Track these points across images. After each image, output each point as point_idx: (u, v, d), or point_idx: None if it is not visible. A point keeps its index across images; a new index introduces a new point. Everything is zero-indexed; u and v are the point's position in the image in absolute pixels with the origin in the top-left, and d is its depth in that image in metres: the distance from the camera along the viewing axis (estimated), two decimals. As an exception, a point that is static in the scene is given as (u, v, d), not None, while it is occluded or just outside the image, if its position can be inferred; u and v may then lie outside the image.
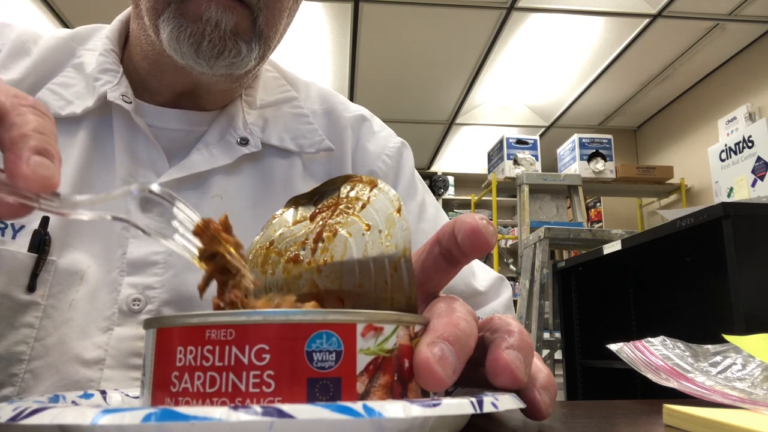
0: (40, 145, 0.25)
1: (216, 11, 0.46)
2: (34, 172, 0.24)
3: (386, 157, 0.62)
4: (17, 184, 0.24)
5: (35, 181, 0.24)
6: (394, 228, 0.30)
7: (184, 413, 0.18)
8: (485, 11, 3.11)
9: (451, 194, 5.52)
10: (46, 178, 0.24)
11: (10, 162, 0.24)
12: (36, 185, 0.24)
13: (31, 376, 0.44)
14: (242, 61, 0.49)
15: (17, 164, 0.24)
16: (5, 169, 0.25)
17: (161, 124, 0.54)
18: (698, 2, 3.03)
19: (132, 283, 0.48)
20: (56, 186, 0.25)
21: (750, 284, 1.01)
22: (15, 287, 0.45)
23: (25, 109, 0.26)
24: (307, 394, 0.22)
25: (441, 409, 0.21)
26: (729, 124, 3.57)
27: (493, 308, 0.60)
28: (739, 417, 0.28)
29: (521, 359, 0.26)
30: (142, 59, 0.54)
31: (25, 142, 0.25)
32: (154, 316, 0.45)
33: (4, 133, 0.25)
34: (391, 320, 0.24)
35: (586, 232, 2.23)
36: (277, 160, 0.57)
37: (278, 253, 0.35)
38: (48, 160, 0.25)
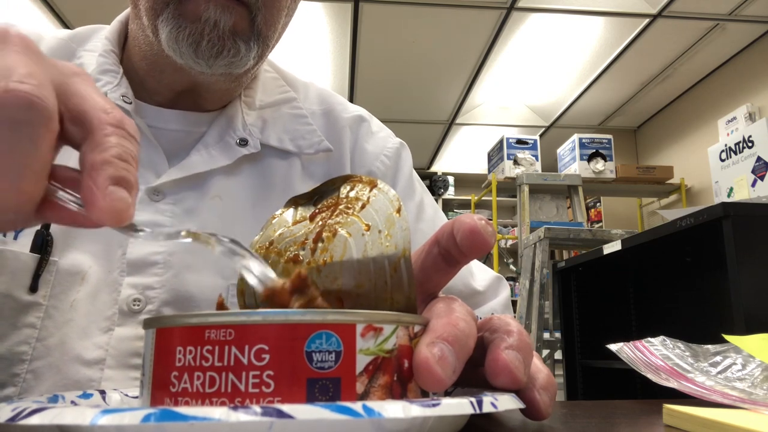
0: (119, 174, 0.24)
1: (214, 11, 0.46)
2: (110, 205, 0.23)
3: (384, 158, 0.62)
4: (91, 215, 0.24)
5: (110, 214, 0.24)
6: (393, 228, 0.30)
7: (184, 413, 0.18)
8: (485, 11, 3.11)
9: (451, 194, 5.52)
10: (120, 212, 0.24)
11: (86, 189, 0.24)
12: (110, 219, 0.24)
13: (32, 376, 0.45)
14: (241, 61, 0.49)
15: (94, 194, 0.24)
16: (81, 195, 0.24)
17: (161, 125, 0.54)
18: (698, 2, 3.03)
19: (132, 284, 0.48)
20: (130, 219, 0.24)
21: (750, 284, 1.01)
22: (17, 288, 0.45)
23: (111, 129, 0.25)
24: (307, 395, 0.22)
25: (440, 409, 0.21)
26: (729, 124, 3.57)
27: (492, 308, 0.60)
28: (739, 417, 0.28)
29: (520, 359, 0.26)
30: (140, 59, 0.54)
31: (105, 169, 0.24)
32: (153, 316, 0.45)
33: (87, 152, 0.25)
34: (390, 320, 0.24)
35: (586, 232, 2.23)
36: (276, 160, 0.57)
37: (278, 253, 0.35)
38: (125, 192, 0.24)
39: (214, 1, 0.46)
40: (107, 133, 0.25)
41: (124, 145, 0.25)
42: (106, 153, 0.24)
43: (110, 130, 0.25)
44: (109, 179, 0.24)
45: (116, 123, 0.25)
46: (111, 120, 0.25)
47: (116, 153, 0.24)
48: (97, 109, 0.25)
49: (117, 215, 0.24)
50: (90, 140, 0.25)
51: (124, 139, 0.25)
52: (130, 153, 0.25)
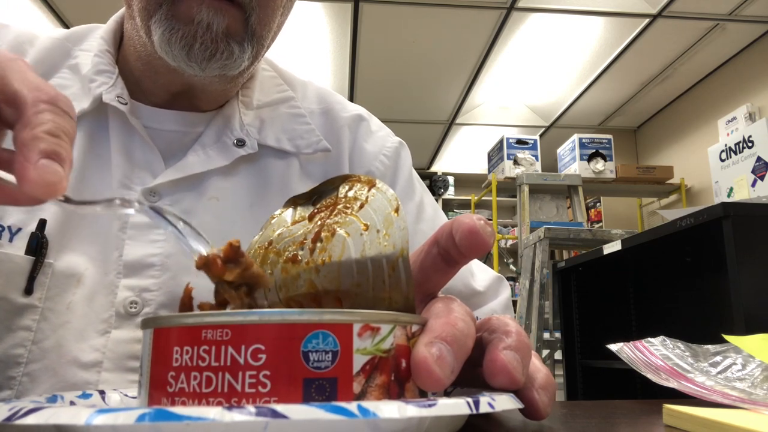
0: (50, 148, 0.25)
1: (207, 13, 0.46)
2: (41, 177, 0.24)
3: (384, 157, 0.62)
4: (23, 188, 0.24)
5: (41, 186, 0.24)
6: (392, 228, 0.30)
7: (178, 413, 0.18)
8: (485, 11, 3.11)
9: (451, 194, 5.53)
10: (52, 185, 0.24)
11: (19, 164, 0.24)
12: (41, 191, 0.24)
13: (28, 379, 0.44)
14: (235, 63, 0.49)
15: (25, 168, 0.24)
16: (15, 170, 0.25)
17: (157, 125, 0.54)
18: (698, 2, 3.03)
19: (129, 286, 0.48)
20: (62, 191, 0.25)
21: (750, 284, 1.01)
22: (12, 290, 0.45)
23: (43, 106, 0.26)
24: (303, 395, 0.21)
25: (437, 410, 0.20)
26: (729, 124, 3.57)
27: (492, 308, 0.60)
28: (739, 417, 0.28)
29: (518, 360, 0.26)
30: (136, 60, 0.53)
31: (36, 144, 0.24)
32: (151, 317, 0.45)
33: (20, 130, 0.25)
34: (387, 320, 0.24)
35: (586, 232, 2.23)
36: (274, 160, 0.57)
37: (277, 253, 0.35)
38: (57, 165, 0.25)
39: (207, 3, 0.46)
40: (38, 110, 0.25)
41: (55, 121, 0.25)
42: (37, 129, 0.25)
43: (42, 107, 0.26)
44: (40, 153, 0.24)
45: (48, 99, 0.26)
46: (43, 97, 0.26)
47: (47, 129, 0.25)
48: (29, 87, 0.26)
49: (49, 188, 0.24)
50: (22, 118, 0.25)
51: (57, 115, 0.26)
52: (62, 128, 0.26)
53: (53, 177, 0.24)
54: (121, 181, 0.50)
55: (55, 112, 0.26)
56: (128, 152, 0.51)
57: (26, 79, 0.26)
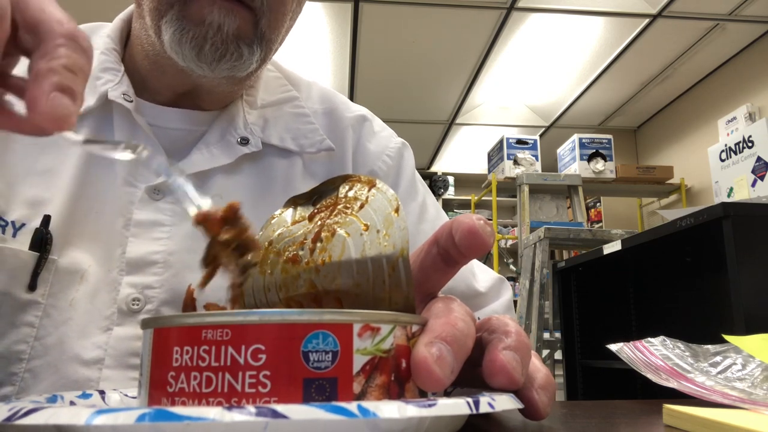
0: (63, 82, 0.25)
1: (219, 15, 0.46)
2: (51, 109, 0.24)
3: (387, 158, 0.62)
4: (32, 118, 0.24)
5: (50, 118, 0.24)
6: (392, 228, 0.30)
7: (178, 413, 0.18)
8: (485, 11, 3.11)
9: (451, 194, 5.52)
10: (61, 118, 0.24)
11: (30, 94, 0.25)
12: (51, 123, 0.24)
13: (30, 375, 0.44)
14: (244, 65, 0.49)
15: (37, 98, 0.24)
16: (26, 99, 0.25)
17: (162, 124, 0.54)
18: (698, 2, 3.03)
19: (131, 283, 0.48)
20: (71, 126, 0.25)
21: (750, 284, 1.01)
22: (16, 286, 0.45)
23: (62, 41, 0.25)
24: (303, 395, 0.21)
25: (437, 410, 0.20)
26: (729, 124, 3.57)
27: (494, 309, 0.60)
28: (739, 417, 0.28)
29: (518, 360, 0.26)
30: (143, 58, 0.54)
31: (50, 76, 0.25)
32: (152, 316, 0.45)
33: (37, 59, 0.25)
34: (388, 320, 0.24)
35: (586, 232, 2.23)
36: (277, 159, 0.57)
37: (277, 253, 0.35)
38: (67, 99, 0.25)
39: (218, 4, 0.46)
40: (58, 44, 0.25)
41: (72, 56, 0.25)
42: (53, 62, 0.25)
43: (62, 41, 0.25)
44: (53, 86, 0.24)
45: (69, 35, 0.26)
46: (64, 31, 0.26)
47: (64, 63, 0.25)
48: (52, 20, 0.26)
49: (58, 120, 0.24)
50: (40, 48, 0.25)
51: (74, 51, 0.26)
52: (78, 65, 0.26)
53: (63, 110, 0.24)
54: (125, 179, 0.50)
55: (73, 48, 0.26)
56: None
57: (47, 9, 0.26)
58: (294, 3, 0.52)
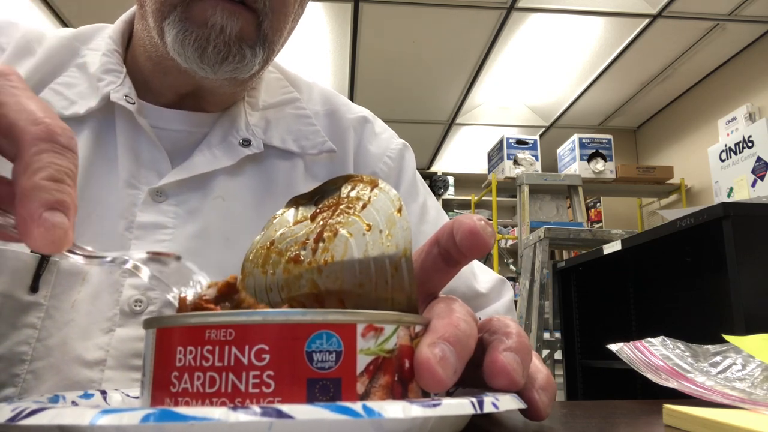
0: (53, 197, 0.23)
1: (221, 16, 0.46)
2: (46, 235, 0.22)
3: (388, 159, 0.62)
4: (27, 244, 0.23)
5: (46, 242, 0.22)
6: (394, 228, 0.30)
7: (183, 413, 0.18)
8: (485, 11, 3.11)
9: (451, 194, 5.52)
10: (57, 241, 0.23)
11: (20, 218, 0.23)
12: (47, 248, 0.23)
13: (32, 376, 0.44)
14: (246, 66, 0.49)
15: (29, 224, 0.22)
16: (17, 224, 0.23)
17: (164, 125, 0.54)
18: (698, 2, 3.03)
19: (133, 284, 0.48)
20: (69, 245, 0.23)
21: (750, 284, 1.01)
22: (18, 287, 0.45)
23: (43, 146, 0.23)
24: (307, 395, 0.21)
25: (441, 410, 0.21)
26: (729, 124, 3.57)
27: (495, 310, 0.60)
28: (739, 417, 0.28)
29: (518, 361, 0.26)
30: (145, 60, 0.54)
31: (38, 195, 0.22)
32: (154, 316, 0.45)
33: (19, 174, 0.23)
34: (391, 320, 0.24)
35: (586, 232, 2.23)
36: (279, 161, 0.57)
37: (279, 253, 0.35)
38: (60, 215, 0.23)
39: (221, 6, 0.46)
40: (36, 151, 0.23)
41: (56, 162, 0.23)
42: (36, 176, 0.23)
43: (42, 146, 0.23)
44: (42, 206, 0.22)
45: (46, 137, 0.24)
46: (40, 133, 0.24)
47: (47, 175, 0.23)
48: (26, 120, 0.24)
49: (54, 243, 0.23)
50: (20, 160, 0.23)
51: (57, 154, 0.24)
52: (64, 171, 0.24)
53: (58, 232, 0.23)
54: (127, 181, 0.50)
55: (55, 151, 0.24)
56: (135, 152, 0.51)
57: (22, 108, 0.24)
58: (296, 4, 0.52)
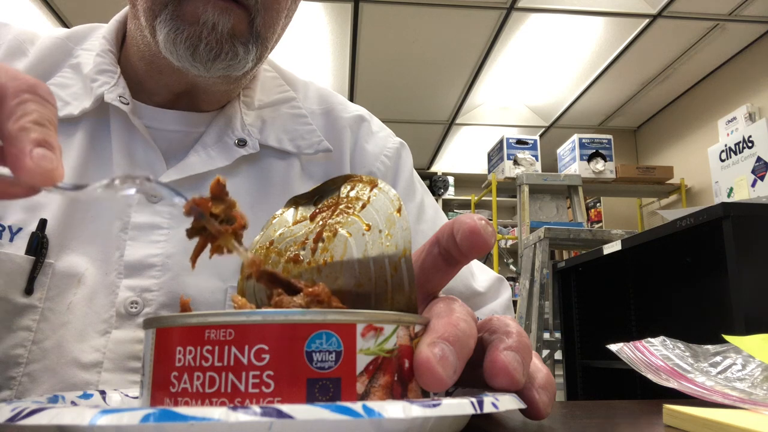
0: (40, 137, 0.25)
1: (213, 13, 0.46)
2: (38, 165, 0.24)
3: (385, 158, 0.62)
4: (21, 178, 0.24)
5: (39, 174, 0.24)
6: (394, 228, 0.30)
7: (183, 413, 0.18)
8: (485, 11, 3.11)
9: (451, 194, 5.52)
10: (49, 171, 0.25)
11: (12, 156, 0.25)
12: (40, 179, 0.24)
13: (28, 379, 0.44)
14: (239, 64, 0.49)
15: (20, 158, 0.24)
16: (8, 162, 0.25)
17: (159, 125, 0.54)
18: (698, 2, 3.03)
19: (129, 286, 0.48)
20: (61, 178, 0.25)
21: (750, 284, 1.01)
22: (12, 290, 0.45)
23: (26, 96, 0.26)
24: (307, 395, 0.21)
25: (441, 410, 0.21)
26: (729, 124, 3.57)
27: (493, 309, 0.60)
28: (739, 417, 0.28)
29: (519, 360, 0.26)
30: (138, 59, 0.53)
31: (26, 135, 0.25)
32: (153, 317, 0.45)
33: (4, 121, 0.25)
34: (391, 320, 0.24)
35: (586, 232, 2.23)
36: (275, 161, 0.57)
37: (278, 253, 0.35)
38: (50, 153, 0.25)
39: (212, 3, 0.46)
40: (21, 100, 0.25)
41: (39, 110, 0.26)
42: (23, 120, 0.25)
43: (25, 96, 0.26)
44: (32, 142, 0.25)
45: (28, 89, 0.26)
46: (22, 86, 0.26)
47: (33, 119, 0.25)
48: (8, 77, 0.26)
49: (47, 174, 0.25)
50: (4, 109, 0.25)
51: (39, 104, 0.26)
52: (46, 117, 0.26)
53: (49, 164, 0.25)
54: None
55: (37, 101, 0.26)
56: (130, 152, 0.51)
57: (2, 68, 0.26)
58: (289, 1, 0.52)
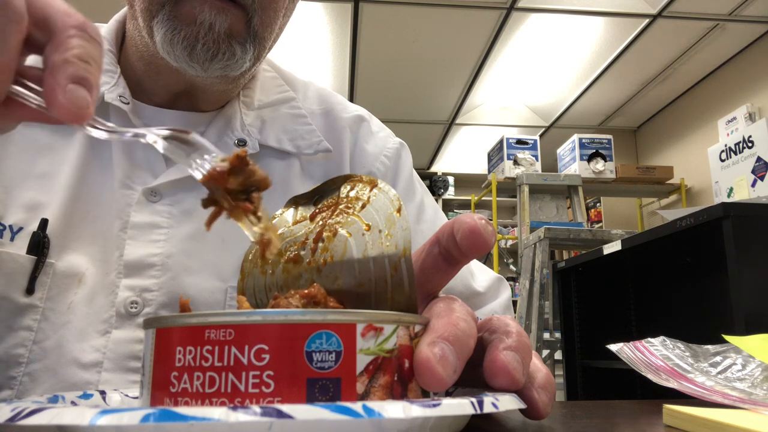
0: (78, 73, 0.25)
1: (210, 13, 0.46)
2: (69, 101, 0.25)
3: (384, 158, 0.62)
4: (51, 111, 0.25)
5: (68, 111, 0.25)
6: (394, 228, 0.30)
7: (183, 413, 0.18)
8: (485, 11, 3.11)
9: (451, 194, 5.52)
10: (79, 109, 0.25)
11: (47, 87, 0.25)
12: (69, 115, 0.25)
13: (29, 379, 0.44)
14: (237, 63, 0.49)
15: (54, 91, 0.25)
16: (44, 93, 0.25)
17: (158, 125, 0.54)
18: (698, 2, 3.03)
19: (129, 286, 0.48)
20: (89, 117, 0.26)
21: (750, 284, 1.01)
22: (14, 290, 0.45)
23: (73, 31, 0.26)
24: (307, 395, 0.21)
25: (441, 410, 0.21)
26: (729, 124, 3.57)
27: (492, 309, 0.60)
28: (739, 417, 0.28)
29: (519, 360, 0.26)
30: (137, 60, 0.53)
31: (65, 68, 0.25)
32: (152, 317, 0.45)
33: (50, 52, 0.26)
34: (391, 320, 0.24)
35: (586, 232, 2.23)
36: (275, 161, 0.57)
37: (278, 253, 0.35)
38: (84, 90, 0.25)
39: (209, 3, 0.46)
40: (69, 35, 0.26)
41: (84, 46, 0.26)
42: (67, 53, 0.25)
43: (73, 32, 0.26)
44: (70, 77, 0.25)
45: (78, 25, 0.26)
46: (73, 22, 0.26)
47: (77, 53, 0.26)
48: (60, 12, 0.26)
49: (76, 112, 0.25)
50: (52, 41, 0.26)
51: (86, 41, 0.26)
52: (91, 55, 0.26)
53: (81, 102, 0.25)
54: (122, 181, 0.50)
55: (84, 38, 0.26)
56: (129, 152, 0.51)
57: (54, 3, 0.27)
58: (287, 0, 0.52)
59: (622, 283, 1.72)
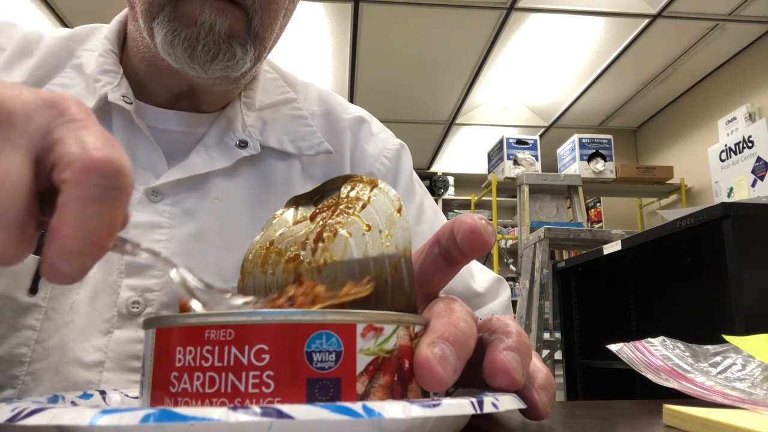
0: (69, 260, 0.23)
1: (210, 14, 0.46)
2: (57, 279, 0.23)
3: (385, 159, 0.62)
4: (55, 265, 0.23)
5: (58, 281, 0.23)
6: (394, 228, 0.30)
7: (183, 414, 0.18)
8: (485, 11, 3.11)
9: (451, 194, 5.52)
10: (69, 281, 0.23)
11: (44, 257, 0.22)
12: (66, 279, 0.23)
13: (31, 378, 0.44)
14: (237, 64, 0.49)
15: (47, 267, 0.22)
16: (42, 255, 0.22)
17: (161, 126, 0.54)
18: (698, 2, 3.03)
19: (131, 286, 0.48)
20: (84, 275, 0.24)
21: (750, 284, 1.01)
22: (17, 289, 0.45)
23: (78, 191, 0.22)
24: (307, 395, 0.21)
25: (441, 410, 0.21)
26: (729, 124, 3.57)
27: (492, 309, 0.60)
28: (739, 417, 0.28)
29: (518, 360, 0.26)
30: (139, 60, 0.54)
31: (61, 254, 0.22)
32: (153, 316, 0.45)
33: (54, 216, 0.22)
34: (391, 320, 0.24)
35: (586, 232, 2.23)
36: (275, 162, 0.57)
37: (278, 253, 0.35)
38: (72, 268, 0.23)
39: (209, 4, 0.46)
40: (69, 196, 0.23)
41: (101, 214, 0.23)
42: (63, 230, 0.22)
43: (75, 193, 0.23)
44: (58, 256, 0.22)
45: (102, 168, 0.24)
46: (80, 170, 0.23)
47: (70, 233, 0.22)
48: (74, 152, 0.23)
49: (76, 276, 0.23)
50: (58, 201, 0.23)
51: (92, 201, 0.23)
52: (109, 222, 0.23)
53: (67, 279, 0.23)
54: None
55: (90, 197, 0.23)
56: (132, 152, 0.51)
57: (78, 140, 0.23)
58: (287, 0, 0.52)
59: (622, 283, 1.72)
